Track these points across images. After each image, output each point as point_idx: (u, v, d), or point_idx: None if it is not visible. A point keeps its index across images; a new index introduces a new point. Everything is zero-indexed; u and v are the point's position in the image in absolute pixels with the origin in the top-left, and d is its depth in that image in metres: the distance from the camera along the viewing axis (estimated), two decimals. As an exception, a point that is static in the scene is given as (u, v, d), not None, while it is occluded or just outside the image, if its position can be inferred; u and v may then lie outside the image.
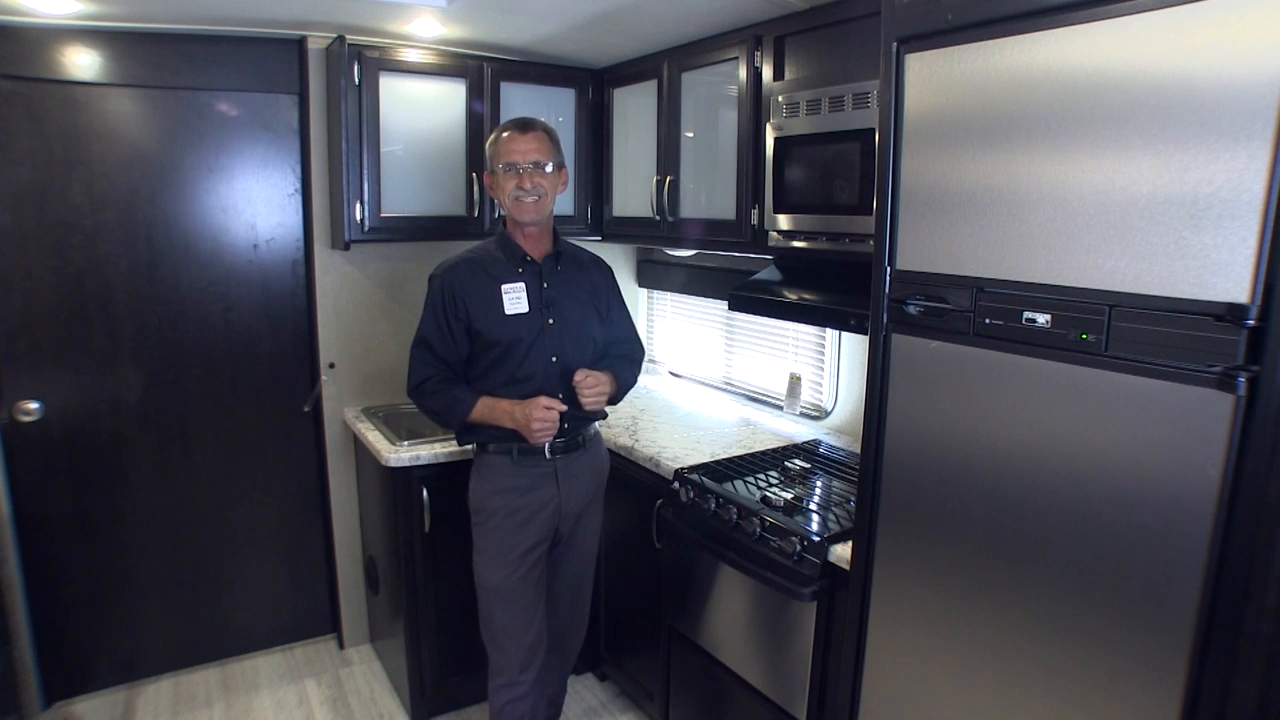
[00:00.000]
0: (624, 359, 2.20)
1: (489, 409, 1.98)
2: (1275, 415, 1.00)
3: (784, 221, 2.11)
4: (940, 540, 1.43)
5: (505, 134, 2.01)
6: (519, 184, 1.96)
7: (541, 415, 1.93)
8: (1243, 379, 1.02)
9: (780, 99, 2.08)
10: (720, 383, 3.12)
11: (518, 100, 2.72)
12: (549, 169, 1.99)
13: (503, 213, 2.08)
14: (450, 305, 1.98)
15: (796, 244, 2.10)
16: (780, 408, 2.78)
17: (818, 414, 2.65)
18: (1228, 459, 1.04)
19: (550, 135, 2.03)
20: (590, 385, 1.99)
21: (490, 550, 2.04)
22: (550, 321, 2.03)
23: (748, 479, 2.10)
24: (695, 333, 3.24)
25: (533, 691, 2.11)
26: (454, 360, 2.03)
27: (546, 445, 2.02)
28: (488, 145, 2.07)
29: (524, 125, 2.02)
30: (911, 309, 1.43)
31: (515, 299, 2.00)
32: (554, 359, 2.03)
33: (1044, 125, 1.20)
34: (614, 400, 2.12)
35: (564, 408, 1.98)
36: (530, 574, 2.06)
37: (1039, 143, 1.21)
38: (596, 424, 2.19)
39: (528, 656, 2.07)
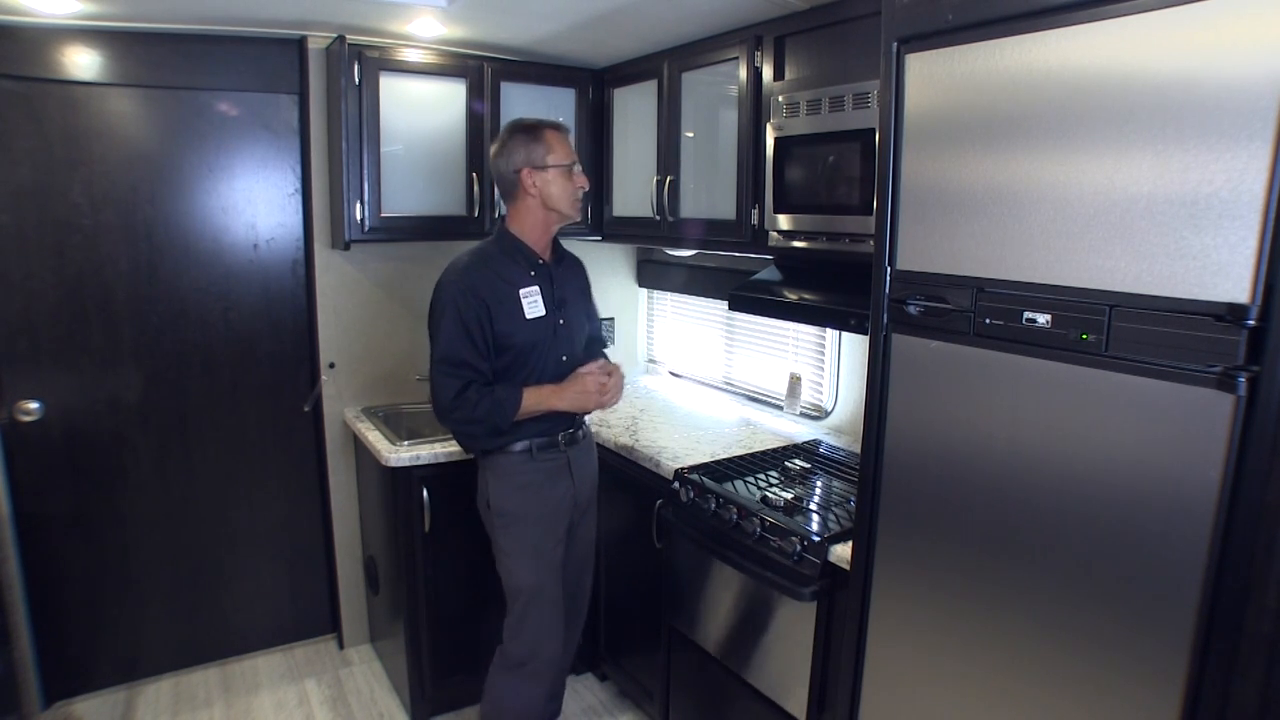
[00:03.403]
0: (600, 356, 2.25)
1: (537, 398, 1.96)
2: (1275, 415, 1.00)
3: (784, 221, 2.11)
4: (940, 540, 1.43)
5: (557, 131, 2.00)
6: (581, 184, 2.01)
7: (593, 383, 1.99)
8: (1243, 379, 1.02)
9: (780, 99, 2.08)
10: (720, 383, 3.12)
11: (518, 100, 2.72)
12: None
13: (565, 210, 2.02)
14: (478, 310, 1.91)
15: (796, 244, 2.10)
16: (780, 408, 2.78)
17: (818, 414, 2.65)
18: (1228, 459, 1.04)
19: None
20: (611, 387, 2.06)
21: (522, 551, 2.03)
22: (561, 322, 2.05)
23: (748, 479, 2.10)
24: (695, 333, 3.24)
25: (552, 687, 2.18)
26: (485, 368, 1.94)
27: (561, 436, 2.05)
28: (516, 141, 1.97)
29: (562, 127, 2.04)
30: (911, 309, 1.43)
31: (533, 302, 1.99)
32: (564, 358, 2.05)
33: (1044, 125, 1.20)
34: None
35: (619, 375, 2.06)
36: (559, 569, 2.10)
37: (1039, 143, 1.21)
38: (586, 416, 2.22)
39: (561, 651, 2.13)
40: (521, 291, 1.98)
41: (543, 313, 2.00)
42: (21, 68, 2.30)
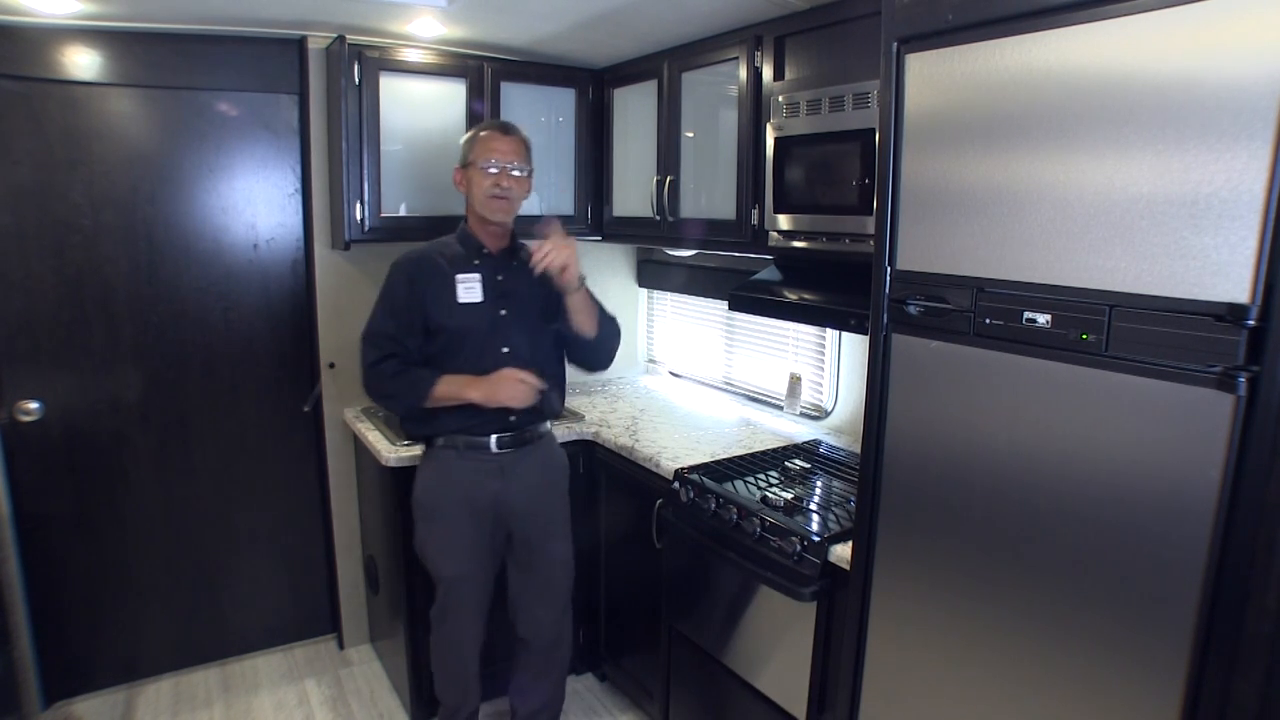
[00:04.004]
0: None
1: (452, 385, 1.99)
2: (1275, 415, 1.00)
3: (784, 221, 2.11)
4: (940, 540, 1.43)
5: (486, 133, 2.07)
6: (496, 182, 2.01)
7: (511, 377, 1.99)
8: (1243, 379, 1.02)
9: (780, 99, 2.08)
10: (720, 383, 3.12)
11: (518, 100, 2.72)
12: (523, 174, 2.07)
13: (478, 209, 2.07)
14: (408, 291, 2.02)
15: (797, 244, 2.10)
16: (780, 408, 2.78)
17: (818, 414, 2.65)
18: (1228, 459, 1.04)
19: (526, 143, 2.10)
20: (551, 249, 1.91)
21: (437, 545, 2.11)
22: (503, 313, 2.06)
23: (748, 479, 2.10)
24: (695, 333, 3.24)
25: None
26: (411, 345, 2.03)
27: (493, 440, 2.06)
28: (463, 141, 2.11)
29: (505, 128, 2.09)
30: (911, 309, 1.43)
31: (469, 288, 2.04)
32: (505, 350, 2.06)
33: (1044, 125, 1.20)
34: (598, 333, 2.09)
35: (537, 382, 2.01)
36: (480, 567, 2.13)
37: (1039, 143, 1.21)
38: (549, 423, 2.21)
39: (478, 659, 2.23)
40: (458, 276, 2.04)
41: (479, 299, 2.03)
42: (21, 68, 2.30)
